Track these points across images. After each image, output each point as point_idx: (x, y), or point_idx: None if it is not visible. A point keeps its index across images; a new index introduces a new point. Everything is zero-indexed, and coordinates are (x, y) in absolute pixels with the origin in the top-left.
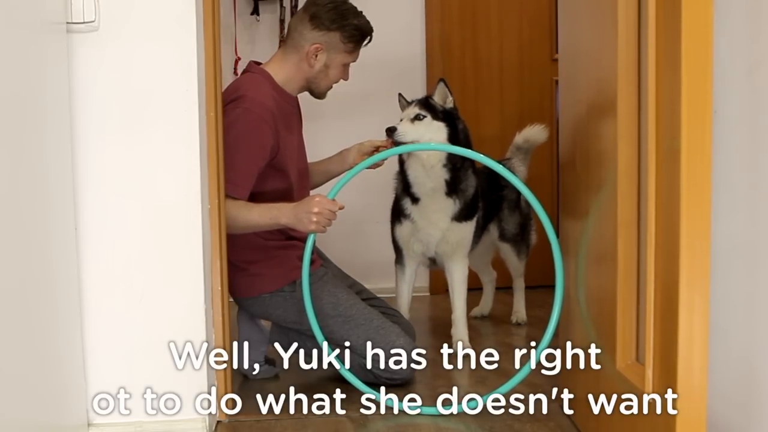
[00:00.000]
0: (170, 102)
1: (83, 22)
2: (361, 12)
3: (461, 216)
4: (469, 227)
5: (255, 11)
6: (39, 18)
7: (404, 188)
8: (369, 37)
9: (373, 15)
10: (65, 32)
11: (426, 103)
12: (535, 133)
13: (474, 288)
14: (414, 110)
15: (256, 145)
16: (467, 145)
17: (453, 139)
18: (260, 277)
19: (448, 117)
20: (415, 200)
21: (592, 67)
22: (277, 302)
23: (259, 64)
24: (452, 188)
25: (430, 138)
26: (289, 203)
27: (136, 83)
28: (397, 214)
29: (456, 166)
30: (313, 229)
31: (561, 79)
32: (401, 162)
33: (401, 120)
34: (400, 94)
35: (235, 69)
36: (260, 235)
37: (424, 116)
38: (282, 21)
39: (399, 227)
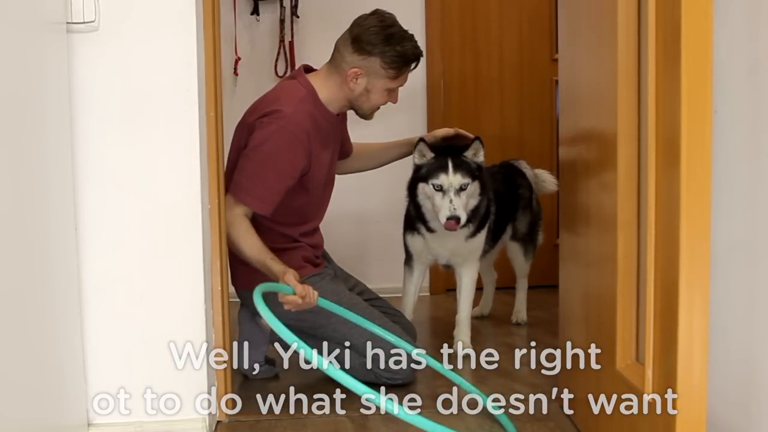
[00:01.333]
0: (170, 102)
1: (83, 22)
2: (410, 35)
3: (474, 233)
4: (480, 238)
5: (255, 11)
6: (39, 18)
7: (417, 214)
8: (415, 63)
9: None
10: (65, 32)
11: (465, 166)
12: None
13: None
14: (458, 179)
15: (286, 165)
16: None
17: (483, 192)
18: (263, 272)
19: (479, 171)
20: (429, 229)
21: (592, 66)
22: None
23: (310, 70)
24: (468, 221)
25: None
26: (283, 267)
27: (136, 83)
28: (410, 224)
29: (486, 191)
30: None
31: (561, 79)
32: (413, 187)
33: (442, 189)
34: (421, 140)
35: (235, 69)
36: (269, 238)
37: (467, 184)
38: (282, 21)
39: (411, 237)
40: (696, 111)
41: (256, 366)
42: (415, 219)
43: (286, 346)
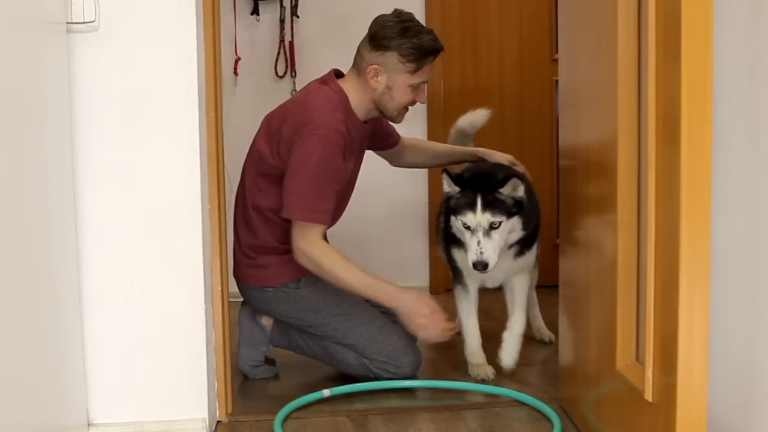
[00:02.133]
0: (170, 102)
1: (83, 22)
2: (428, 29)
3: (521, 251)
4: (533, 252)
5: (255, 11)
6: (39, 18)
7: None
8: (433, 55)
9: (374, 15)
10: (65, 32)
11: (497, 203)
12: (479, 117)
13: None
14: (486, 218)
15: (334, 173)
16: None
17: (527, 225)
18: (266, 269)
19: (518, 205)
20: None
21: (592, 66)
22: (280, 297)
23: (340, 75)
24: (525, 242)
25: (509, 245)
26: (393, 286)
27: (136, 83)
28: (454, 238)
29: (529, 222)
30: (422, 336)
31: (561, 79)
32: (448, 214)
33: (470, 228)
34: (445, 171)
35: (235, 69)
36: (279, 236)
37: (500, 222)
38: (282, 21)
39: (458, 251)
40: (696, 111)
41: (257, 365)
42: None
43: (286, 348)
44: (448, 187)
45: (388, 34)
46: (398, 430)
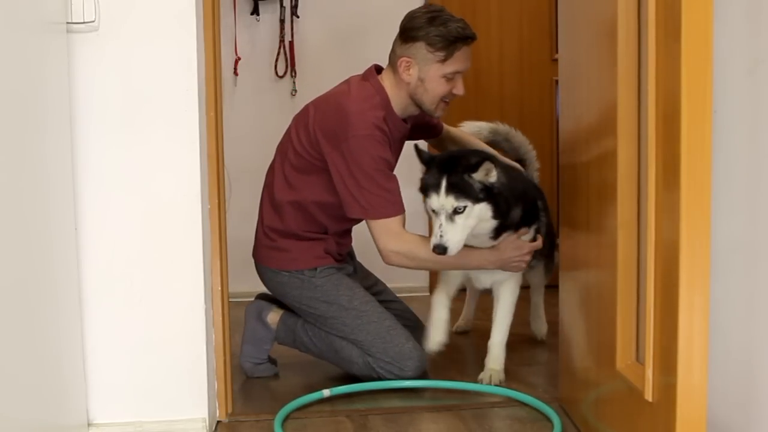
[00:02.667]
0: (170, 102)
1: (83, 22)
2: (459, 18)
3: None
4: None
5: (255, 11)
6: (39, 18)
7: None
8: (462, 42)
9: (374, 15)
10: (65, 32)
11: (463, 186)
12: (478, 130)
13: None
14: (450, 202)
15: (383, 164)
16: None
17: (498, 213)
18: (286, 253)
19: (488, 192)
20: None
21: (591, 66)
22: (294, 283)
23: (380, 70)
24: (500, 230)
25: (477, 232)
26: (486, 250)
27: (136, 83)
28: None
29: (503, 211)
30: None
31: (561, 79)
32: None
33: (435, 212)
34: (416, 146)
35: (235, 69)
36: (301, 226)
37: (463, 207)
38: (282, 21)
39: None
40: (696, 110)
41: (258, 363)
42: None
43: (290, 345)
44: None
45: (415, 24)
46: (398, 430)
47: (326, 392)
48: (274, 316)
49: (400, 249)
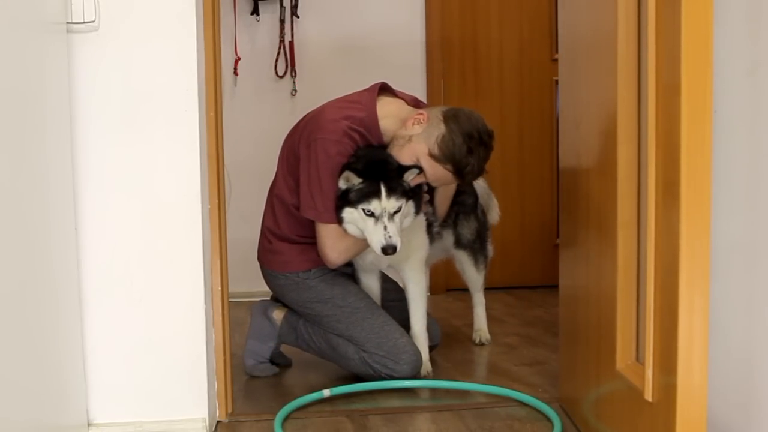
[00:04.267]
0: (170, 102)
1: (83, 22)
2: (482, 156)
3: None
4: (419, 236)
5: (255, 11)
6: (39, 18)
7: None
8: (455, 170)
9: (374, 15)
10: (65, 32)
11: (398, 188)
12: None
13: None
14: (392, 204)
15: (335, 171)
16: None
17: (418, 208)
18: (280, 256)
19: (412, 191)
20: None
21: (592, 67)
22: (290, 285)
23: (387, 88)
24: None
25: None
26: None
27: (136, 83)
28: None
29: (419, 205)
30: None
31: (561, 79)
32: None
33: (374, 215)
34: (348, 167)
35: (235, 69)
36: (293, 231)
37: (401, 206)
38: (282, 21)
39: None
40: (696, 111)
41: (260, 362)
42: None
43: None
44: (346, 182)
45: (462, 122)
46: (398, 430)
47: (326, 392)
48: (279, 314)
49: (346, 247)
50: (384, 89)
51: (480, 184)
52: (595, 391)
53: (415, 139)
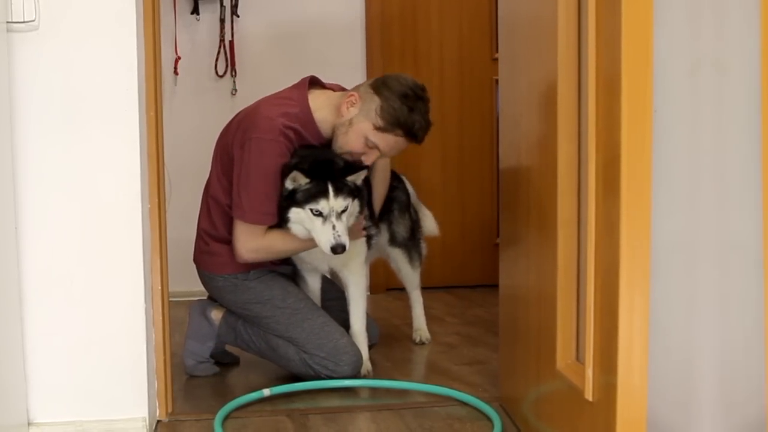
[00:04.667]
0: (110, 101)
1: (23, 22)
2: (427, 118)
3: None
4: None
5: (195, 10)
6: None
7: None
8: (405, 133)
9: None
10: (5, 32)
11: (345, 188)
12: None
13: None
14: (339, 203)
15: (277, 174)
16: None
17: (362, 206)
18: (217, 257)
19: (358, 189)
20: None
21: (532, 67)
22: (228, 287)
23: (317, 82)
24: None
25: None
26: None
27: (76, 82)
28: None
29: (363, 204)
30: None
31: (501, 78)
32: (283, 210)
33: (321, 215)
34: (296, 167)
35: (176, 68)
36: (230, 231)
37: (348, 206)
38: (222, 20)
39: None
40: (636, 110)
41: (199, 362)
42: None
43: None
44: (293, 182)
45: (391, 87)
46: (338, 430)
47: (266, 391)
48: (217, 314)
49: (259, 247)
50: (313, 83)
51: (411, 192)
52: (536, 390)
53: (356, 120)
